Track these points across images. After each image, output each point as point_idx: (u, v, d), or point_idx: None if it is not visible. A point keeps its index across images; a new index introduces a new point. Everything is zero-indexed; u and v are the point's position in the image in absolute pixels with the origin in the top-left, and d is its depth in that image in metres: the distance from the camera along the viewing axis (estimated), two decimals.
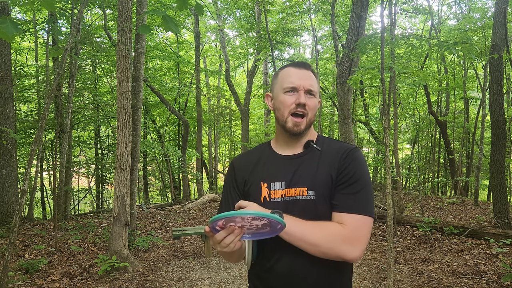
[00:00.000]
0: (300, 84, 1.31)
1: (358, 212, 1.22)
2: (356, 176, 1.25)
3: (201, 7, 2.77)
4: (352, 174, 1.25)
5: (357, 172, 1.26)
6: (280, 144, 1.39)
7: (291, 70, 1.34)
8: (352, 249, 1.19)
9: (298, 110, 1.30)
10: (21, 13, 11.23)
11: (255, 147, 1.51)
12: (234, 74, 23.12)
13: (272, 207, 1.25)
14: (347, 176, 1.25)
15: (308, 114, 1.31)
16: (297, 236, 1.18)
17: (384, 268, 5.05)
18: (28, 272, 4.86)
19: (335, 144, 1.36)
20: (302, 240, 1.18)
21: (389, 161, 4.04)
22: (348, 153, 1.29)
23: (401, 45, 6.85)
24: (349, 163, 1.27)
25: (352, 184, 1.24)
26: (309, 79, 1.32)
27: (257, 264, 1.34)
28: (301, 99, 1.29)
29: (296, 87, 1.31)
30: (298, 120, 1.30)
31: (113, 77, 12.87)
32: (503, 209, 6.66)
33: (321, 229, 1.20)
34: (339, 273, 1.30)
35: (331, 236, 1.19)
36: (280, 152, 1.38)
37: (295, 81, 1.31)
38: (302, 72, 1.33)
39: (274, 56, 13.35)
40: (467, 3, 13.30)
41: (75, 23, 5.34)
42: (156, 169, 16.84)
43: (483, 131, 10.44)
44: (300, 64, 1.36)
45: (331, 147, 1.34)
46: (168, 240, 7.08)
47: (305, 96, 1.30)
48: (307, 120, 1.32)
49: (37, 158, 7.81)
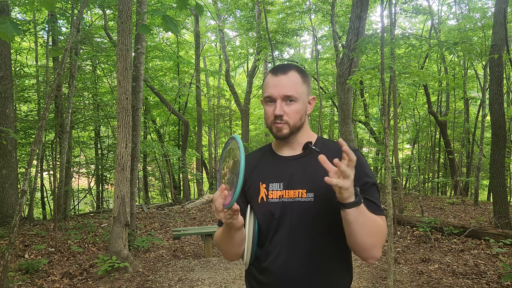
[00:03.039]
0: (274, 93, 1.27)
1: (382, 213, 1.26)
2: (370, 180, 1.27)
3: (201, 7, 2.77)
4: (364, 176, 1.26)
5: (369, 173, 1.28)
6: (279, 145, 1.39)
7: (268, 78, 1.32)
8: (381, 249, 1.23)
9: (276, 122, 1.28)
10: (21, 13, 11.22)
11: (258, 148, 1.52)
12: (234, 74, 23.12)
13: (269, 208, 1.25)
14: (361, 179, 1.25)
15: (289, 122, 1.28)
16: (364, 219, 1.14)
17: (384, 268, 5.05)
18: (28, 272, 4.86)
19: (334, 145, 1.35)
20: (364, 225, 1.14)
21: (389, 161, 4.04)
22: None
23: (401, 45, 6.85)
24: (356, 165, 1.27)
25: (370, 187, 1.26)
26: (285, 85, 1.27)
27: (253, 265, 1.34)
28: (276, 111, 1.27)
29: (272, 96, 1.28)
30: (279, 125, 1.29)
31: (113, 77, 12.86)
32: (503, 209, 6.66)
33: (377, 221, 1.21)
34: (338, 277, 1.30)
35: (382, 232, 1.21)
36: (279, 153, 1.38)
37: (270, 91, 1.28)
38: (277, 79, 1.28)
39: (274, 56, 13.36)
40: (467, 3, 13.30)
41: (75, 23, 5.34)
42: (156, 169, 16.84)
43: (483, 131, 10.44)
44: (277, 69, 1.31)
45: (330, 148, 1.33)
46: (168, 240, 7.08)
47: (282, 105, 1.27)
48: (290, 126, 1.29)
49: (37, 158, 7.81)
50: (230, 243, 1.30)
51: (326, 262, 1.25)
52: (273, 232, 1.29)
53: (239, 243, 1.29)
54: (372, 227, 1.17)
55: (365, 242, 1.17)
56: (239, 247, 1.31)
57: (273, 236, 1.29)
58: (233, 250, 1.33)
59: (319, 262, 1.25)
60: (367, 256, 1.21)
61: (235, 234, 1.25)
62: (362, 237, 1.16)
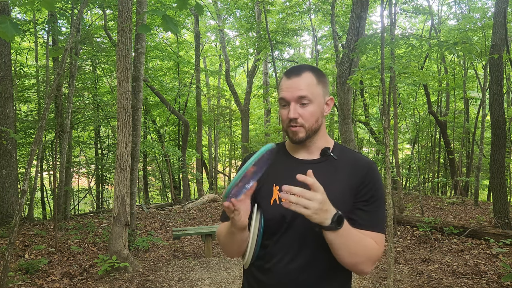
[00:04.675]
0: (288, 95, 1.26)
1: (382, 231, 1.25)
2: (379, 194, 1.26)
3: (201, 7, 2.77)
4: (375, 190, 1.25)
5: (379, 189, 1.26)
6: (295, 146, 1.36)
7: (282, 81, 1.31)
8: (372, 265, 1.22)
9: (291, 124, 1.27)
10: (21, 13, 11.22)
11: None
12: (234, 74, 23.12)
13: (281, 211, 1.23)
14: (370, 192, 1.24)
15: (305, 124, 1.27)
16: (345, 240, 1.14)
17: (384, 268, 5.05)
18: (28, 272, 4.86)
19: (351, 154, 1.34)
20: (345, 245, 1.14)
21: (389, 161, 4.04)
22: (369, 168, 1.28)
23: (401, 45, 6.85)
24: (371, 178, 1.26)
25: (376, 201, 1.25)
26: (299, 86, 1.25)
27: (256, 265, 1.33)
28: (290, 114, 1.25)
29: (286, 99, 1.27)
30: (295, 129, 1.27)
31: (113, 77, 12.86)
32: (503, 209, 6.66)
33: (364, 241, 1.20)
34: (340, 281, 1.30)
35: (369, 251, 1.19)
36: (295, 155, 1.36)
37: (284, 93, 1.27)
38: (291, 82, 1.26)
39: (274, 56, 13.35)
40: (467, 3, 13.30)
41: (75, 23, 5.34)
42: (156, 169, 16.84)
43: (483, 131, 10.44)
44: (291, 71, 1.29)
45: (347, 156, 1.32)
46: (168, 240, 7.08)
47: (296, 107, 1.25)
48: (306, 129, 1.27)
49: (37, 158, 7.81)
50: (231, 242, 1.29)
51: (330, 268, 1.25)
52: (280, 234, 1.28)
53: (240, 243, 1.28)
54: (355, 248, 1.16)
55: (345, 261, 1.17)
56: (240, 246, 1.30)
57: (279, 239, 1.28)
58: (234, 248, 1.32)
59: (323, 268, 1.24)
60: (353, 270, 1.22)
61: (238, 233, 1.24)
62: (342, 256, 1.16)
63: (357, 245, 1.16)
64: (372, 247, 1.20)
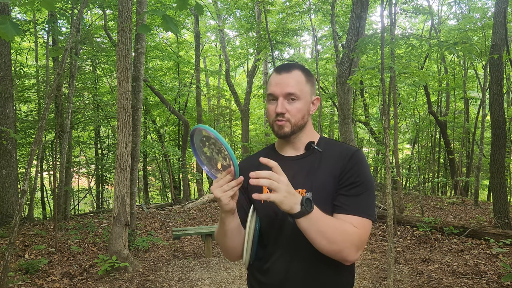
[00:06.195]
0: (276, 90, 1.27)
1: (365, 215, 1.21)
2: (361, 178, 1.24)
3: (201, 7, 2.76)
4: (357, 176, 1.24)
5: (361, 174, 1.25)
6: (282, 145, 1.39)
7: (272, 77, 1.32)
8: (357, 252, 1.17)
9: (278, 119, 1.28)
10: (21, 13, 11.23)
11: (262, 149, 1.51)
12: (234, 74, 23.12)
13: (273, 208, 1.24)
14: (352, 178, 1.23)
15: (291, 120, 1.28)
16: (319, 226, 1.11)
17: (384, 268, 5.05)
18: (28, 272, 4.86)
19: (337, 145, 1.34)
20: (321, 232, 1.11)
21: (389, 161, 4.04)
22: (352, 155, 1.27)
23: (401, 45, 6.86)
24: (353, 164, 1.25)
25: (358, 186, 1.23)
26: (288, 83, 1.27)
27: (256, 266, 1.34)
28: (277, 109, 1.26)
29: (274, 94, 1.28)
30: (280, 123, 1.28)
31: (113, 77, 12.86)
32: (503, 209, 6.66)
33: (341, 226, 1.16)
34: (339, 278, 1.29)
35: (348, 236, 1.16)
36: (282, 153, 1.38)
37: (273, 89, 1.29)
38: (281, 77, 1.28)
39: (274, 56, 13.35)
40: (467, 3, 13.30)
41: (75, 23, 5.34)
42: (156, 169, 16.84)
43: (483, 131, 10.45)
44: (281, 68, 1.31)
45: (332, 148, 1.33)
46: (168, 240, 7.08)
47: (284, 103, 1.27)
48: (292, 124, 1.29)
49: (37, 158, 7.81)
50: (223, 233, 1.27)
51: (328, 264, 1.24)
52: (276, 232, 1.28)
53: (231, 233, 1.27)
54: (333, 234, 1.12)
55: (326, 249, 1.14)
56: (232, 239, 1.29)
57: (276, 237, 1.28)
58: (231, 244, 1.31)
59: (321, 264, 1.24)
60: (338, 259, 1.17)
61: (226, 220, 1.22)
62: (321, 245, 1.13)
63: (334, 230, 1.13)
64: (352, 232, 1.16)
